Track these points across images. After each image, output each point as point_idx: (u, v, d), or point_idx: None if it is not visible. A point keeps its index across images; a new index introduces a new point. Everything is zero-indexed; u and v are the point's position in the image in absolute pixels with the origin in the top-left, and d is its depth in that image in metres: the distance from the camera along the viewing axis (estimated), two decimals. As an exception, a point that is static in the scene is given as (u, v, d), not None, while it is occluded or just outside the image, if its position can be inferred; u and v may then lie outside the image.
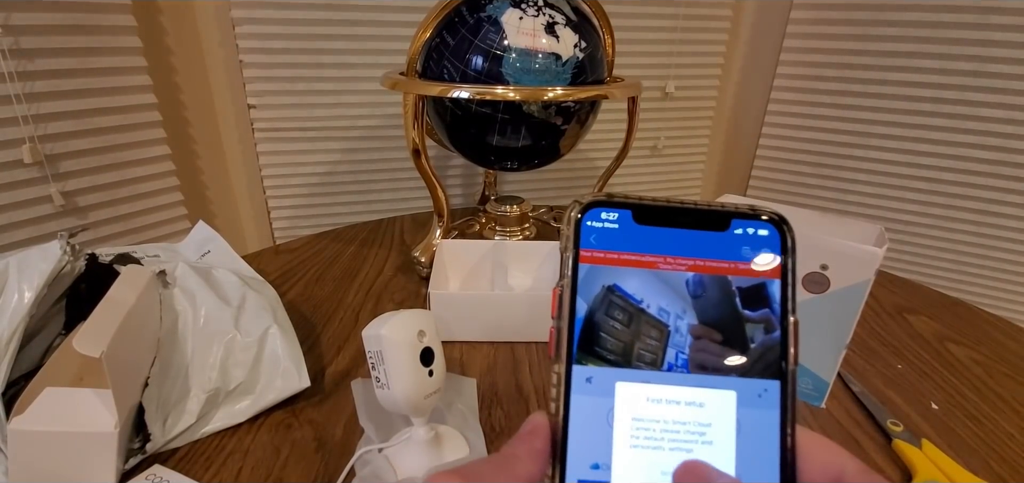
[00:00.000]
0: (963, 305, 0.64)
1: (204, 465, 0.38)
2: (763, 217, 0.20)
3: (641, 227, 0.20)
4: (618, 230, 0.20)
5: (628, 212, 0.20)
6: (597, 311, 0.20)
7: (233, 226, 0.94)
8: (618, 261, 0.20)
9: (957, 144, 0.90)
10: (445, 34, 0.59)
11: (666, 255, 0.20)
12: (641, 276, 0.20)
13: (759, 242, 0.20)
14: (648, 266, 0.20)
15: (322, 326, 0.56)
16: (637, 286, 0.20)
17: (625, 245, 0.20)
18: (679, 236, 0.20)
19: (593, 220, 0.21)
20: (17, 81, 0.63)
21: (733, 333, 0.20)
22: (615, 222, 0.20)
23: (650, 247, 0.20)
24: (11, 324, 0.36)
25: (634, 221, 0.20)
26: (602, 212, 0.21)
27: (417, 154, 0.60)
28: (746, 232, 0.20)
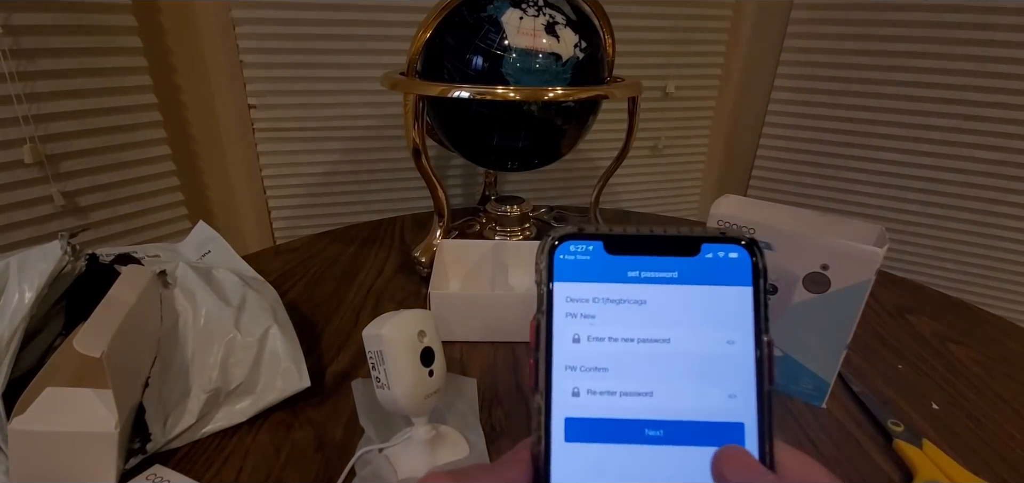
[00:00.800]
0: (964, 305, 0.64)
1: (205, 465, 0.38)
2: (733, 240, 0.20)
3: (613, 256, 0.21)
4: (590, 261, 0.21)
5: (599, 243, 0.21)
6: (575, 341, 0.20)
7: (233, 226, 0.94)
8: (592, 292, 0.20)
9: (958, 144, 0.90)
10: (445, 34, 0.59)
11: (639, 283, 0.21)
12: (616, 305, 0.21)
13: (730, 265, 0.21)
14: (622, 295, 0.20)
15: (322, 326, 0.56)
16: (612, 315, 0.20)
17: (598, 275, 0.21)
18: (651, 263, 0.21)
19: (566, 253, 0.21)
20: (18, 81, 0.63)
21: (709, 355, 0.20)
22: (587, 254, 0.21)
23: (623, 276, 0.21)
24: (12, 324, 0.36)
25: (606, 251, 0.21)
26: (573, 245, 0.21)
27: (417, 154, 0.60)
28: (717, 256, 0.21)
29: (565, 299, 0.20)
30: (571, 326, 0.20)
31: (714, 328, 0.20)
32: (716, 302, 0.20)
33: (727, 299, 0.20)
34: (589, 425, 0.20)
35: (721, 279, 0.20)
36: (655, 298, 0.20)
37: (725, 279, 0.20)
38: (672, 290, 0.20)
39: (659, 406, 0.20)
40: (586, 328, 0.20)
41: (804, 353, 0.45)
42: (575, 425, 0.20)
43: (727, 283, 0.20)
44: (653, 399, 0.20)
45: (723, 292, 0.20)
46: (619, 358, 0.20)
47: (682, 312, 0.20)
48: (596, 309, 0.20)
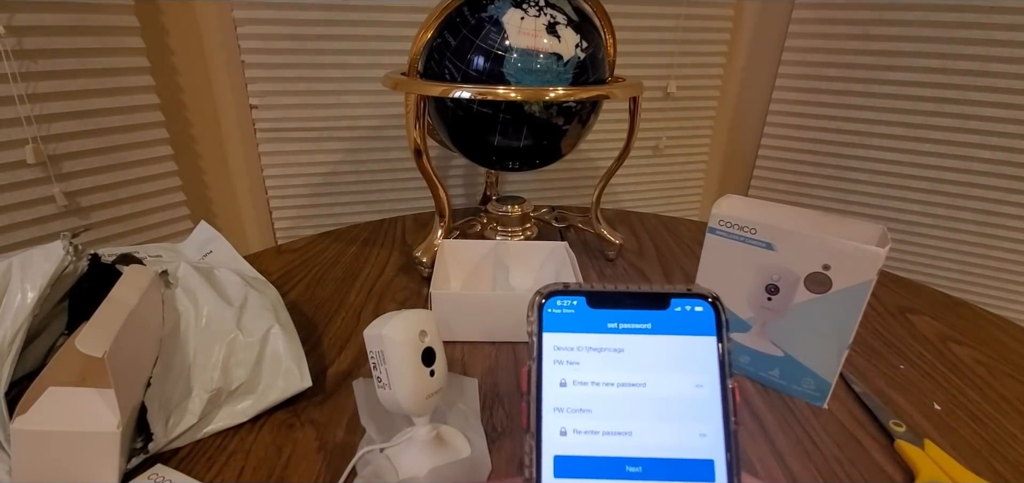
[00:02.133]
0: (966, 305, 0.64)
1: (206, 465, 0.38)
2: (699, 296, 0.24)
3: (595, 310, 0.24)
4: (575, 314, 0.24)
5: (583, 298, 0.24)
6: (562, 385, 0.23)
7: (235, 226, 0.94)
8: (577, 342, 0.23)
9: (959, 144, 0.90)
10: (446, 34, 0.59)
11: (618, 334, 0.23)
12: (598, 353, 0.23)
13: (697, 317, 0.23)
14: (603, 344, 0.23)
15: (324, 326, 0.56)
16: (594, 362, 0.23)
17: (582, 326, 0.24)
18: (628, 316, 0.24)
19: (553, 307, 0.24)
20: (20, 82, 0.63)
21: (681, 398, 0.23)
22: (572, 307, 0.24)
23: (603, 327, 0.23)
24: (14, 324, 0.37)
25: (588, 305, 0.24)
26: (559, 299, 0.24)
27: (418, 154, 0.60)
28: (685, 309, 0.24)
29: (553, 348, 0.23)
30: (558, 372, 0.23)
31: (684, 373, 0.23)
32: (686, 350, 0.23)
33: (695, 348, 0.23)
34: (576, 463, 0.22)
35: (689, 330, 0.23)
36: (632, 347, 0.23)
37: (693, 330, 0.23)
38: (647, 340, 0.23)
39: (637, 444, 0.22)
40: (572, 373, 0.23)
41: (805, 353, 0.45)
42: (563, 463, 0.22)
43: (695, 333, 0.23)
44: (632, 438, 0.22)
45: (692, 341, 0.23)
46: (601, 401, 0.23)
47: (656, 359, 0.23)
48: (580, 356, 0.23)
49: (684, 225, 0.88)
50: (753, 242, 0.44)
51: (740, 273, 0.46)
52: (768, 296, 0.45)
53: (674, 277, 0.69)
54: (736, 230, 0.45)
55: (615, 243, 0.72)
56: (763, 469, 0.39)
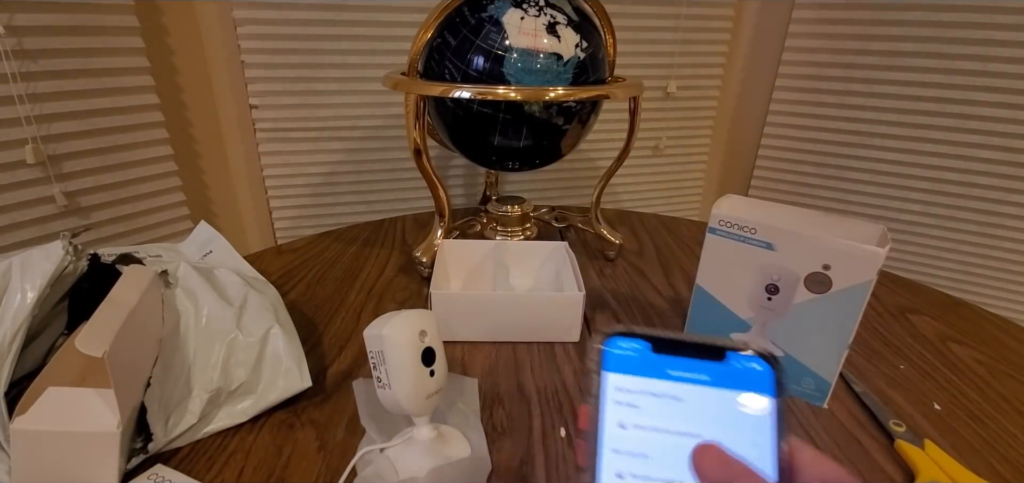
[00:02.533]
0: (966, 305, 0.64)
1: (206, 465, 0.38)
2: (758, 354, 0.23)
3: (657, 355, 0.24)
4: (637, 357, 0.24)
5: (647, 342, 0.24)
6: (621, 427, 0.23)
7: (235, 226, 0.94)
8: (638, 385, 0.23)
9: (960, 144, 0.89)
10: (446, 34, 0.59)
11: (678, 381, 0.23)
12: (657, 399, 0.23)
13: (754, 375, 0.23)
14: (663, 391, 0.23)
15: (324, 326, 0.56)
16: (653, 408, 0.23)
17: (644, 371, 0.24)
18: (688, 365, 0.23)
19: (617, 348, 0.24)
20: (20, 82, 0.63)
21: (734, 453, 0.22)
22: (635, 350, 0.24)
23: (664, 374, 0.23)
24: (14, 324, 0.37)
25: (652, 350, 0.24)
26: (623, 341, 0.24)
27: (418, 154, 0.60)
28: (743, 366, 0.23)
29: (615, 389, 0.23)
30: (619, 413, 0.23)
31: (739, 430, 0.22)
32: (742, 406, 0.23)
33: (752, 405, 0.23)
34: None
35: (746, 386, 0.23)
36: (691, 397, 0.23)
37: (750, 387, 0.23)
38: (705, 391, 0.23)
39: None
40: (632, 417, 0.23)
41: (806, 353, 0.45)
42: None
43: (752, 390, 0.23)
44: None
45: (748, 398, 0.23)
46: (658, 447, 0.22)
47: (713, 412, 0.23)
48: (641, 400, 0.23)
49: (684, 225, 0.88)
50: (753, 242, 0.44)
51: (740, 273, 0.45)
52: (768, 296, 0.45)
53: (674, 277, 0.69)
54: (736, 230, 0.45)
55: (615, 243, 0.72)
56: (763, 469, 0.39)
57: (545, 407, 0.45)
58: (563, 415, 0.44)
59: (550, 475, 0.38)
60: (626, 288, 0.66)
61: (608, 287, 0.66)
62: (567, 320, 0.53)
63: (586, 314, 0.59)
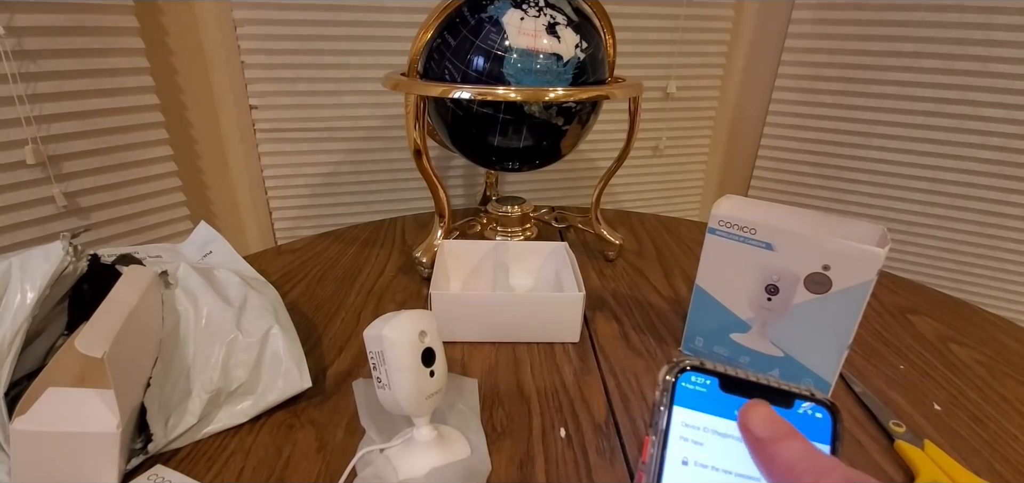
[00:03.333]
0: (965, 305, 0.64)
1: (206, 465, 0.38)
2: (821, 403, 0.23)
3: (725, 394, 0.23)
4: (706, 394, 0.23)
5: (716, 379, 0.23)
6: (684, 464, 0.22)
7: (235, 227, 0.94)
8: (704, 422, 0.23)
9: (959, 144, 0.90)
10: (446, 35, 0.59)
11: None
12: (722, 438, 0.23)
13: (815, 423, 0.23)
14: (728, 430, 0.23)
15: (324, 326, 0.56)
16: (718, 447, 0.23)
17: (711, 408, 0.23)
18: None
19: (687, 382, 0.23)
20: (20, 82, 0.63)
21: None
22: (705, 386, 0.23)
23: (730, 413, 0.23)
24: (14, 324, 0.37)
25: (720, 388, 0.23)
26: (694, 375, 0.23)
27: (418, 154, 0.60)
28: (806, 413, 0.23)
29: (681, 424, 0.23)
30: (683, 449, 0.22)
31: None
32: None
33: None
34: None
35: (809, 434, 0.22)
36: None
37: (812, 435, 0.22)
38: None
39: None
40: (695, 454, 0.22)
41: (805, 353, 0.45)
42: None
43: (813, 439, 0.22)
44: None
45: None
46: None
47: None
48: (705, 438, 0.23)
49: (684, 225, 0.88)
50: (753, 242, 0.44)
51: (740, 273, 0.46)
52: (768, 296, 0.45)
53: (674, 278, 0.69)
54: (736, 230, 0.45)
55: (615, 243, 0.72)
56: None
57: (545, 407, 0.45)
58: (563, 415, 0.44)
59: (550, 475, 0.38)
60: (626, 288, 0.66)
61: (608, 287, 0.66)
62: (567, 320, 0.53)
63: (586, 314, 0.59)
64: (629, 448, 0.41)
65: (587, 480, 0.38)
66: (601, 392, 0.47)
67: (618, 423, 0.43)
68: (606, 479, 0.38)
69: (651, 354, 0.52)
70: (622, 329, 0.57)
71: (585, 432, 0.42)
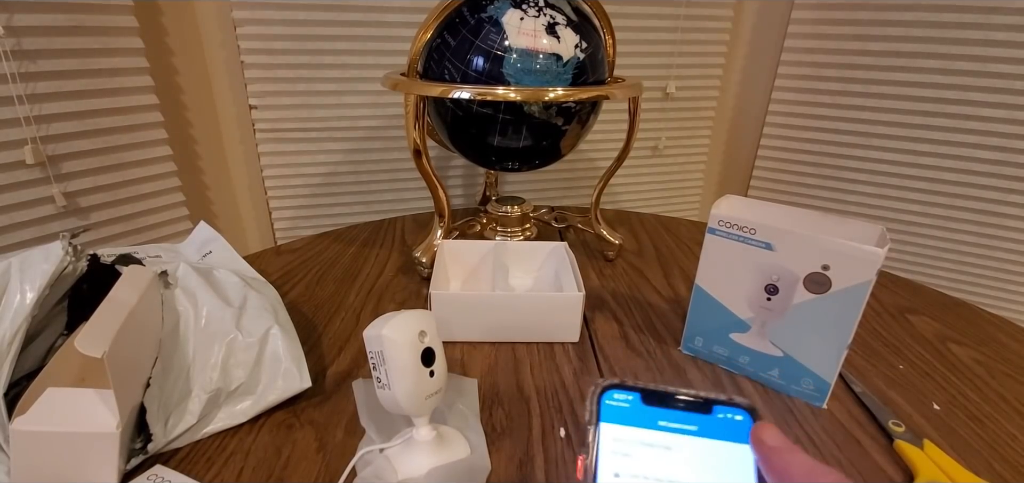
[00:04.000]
0: (965, 305, 0.64)
1: (206, 465, 0.38)
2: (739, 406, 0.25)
3: (648, 407, 0.25)
4: (630, 409, 0.25)
5: (638, 394, 0.26)
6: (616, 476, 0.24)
7: (234, 227, 0.94)
8: (631, 435, 0.25)
9: (959, 144, 0.90)
10: (446, 35, 0.59)
11: (667, 432, 0.25)
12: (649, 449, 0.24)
13: (737, 426, 0.25)
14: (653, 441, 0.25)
15: (323, 326, 0.56)
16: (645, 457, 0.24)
17: (636, 421, 0.25)
18: (676, 416, 0.25)
19: (611, 400, 0.26)
20: (19, 82, 0.63)
21: None
22: (628, 402, 0.25)
23: (655, 424, 0.25)
24: (13, 324, 0.37)
25: (643, 402, 0.25)
26: (617, 393, 0.26)
27: (418, 154, 0.60)
28: (727, 417, 0.25)
29: (611, 439, 0.25)
30: (614, 463, 0.24)
31: (724, 477, 0.24)
32: (726, 455, 0.24)
33: (735, 454, 0.24)
34: None
35: (730, 436, 0.25)
36: (678, 446, 0.24)
37: (733, 437, 0.25)
38: (693, 441, 0.25)
39: None
40: (626, 466, 0.24)
41: (805, 353, 0.45)
42: None
43: (735, 440, 0.24)
44: None
45: (732, 447, 0.24)
46: None
47: (700, 461, 0.24)
48: (633, 450, 0.24)
49: (683, 225, 0.88)
50: (752, 242, 0.44)
51: (740, 273, 0.46)
52: (768, 296, 0.45)
53: (674, 277, 0.69)
54: (736, 230, 0.45)
55: (614, 243, 0.72)
56: (762, 469, 0.39)
57: (545, 407, 0.45)
58: (563, 415, 0.44)
59: (550, 475, 0.38)
60: (625, 288, 0.66)
61: (608, 287, 0.66)
62: (567, 320, 0.53)
63: (586, 314, 0.59)
64: None
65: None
66: (601, 392, 0.47)
67: (618, 423, 0.43)
68: (606, 479, 0.38)
69: (651, 354, 0.52)
70: (622, 329, 0.57)
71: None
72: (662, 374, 0.49)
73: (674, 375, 0.49)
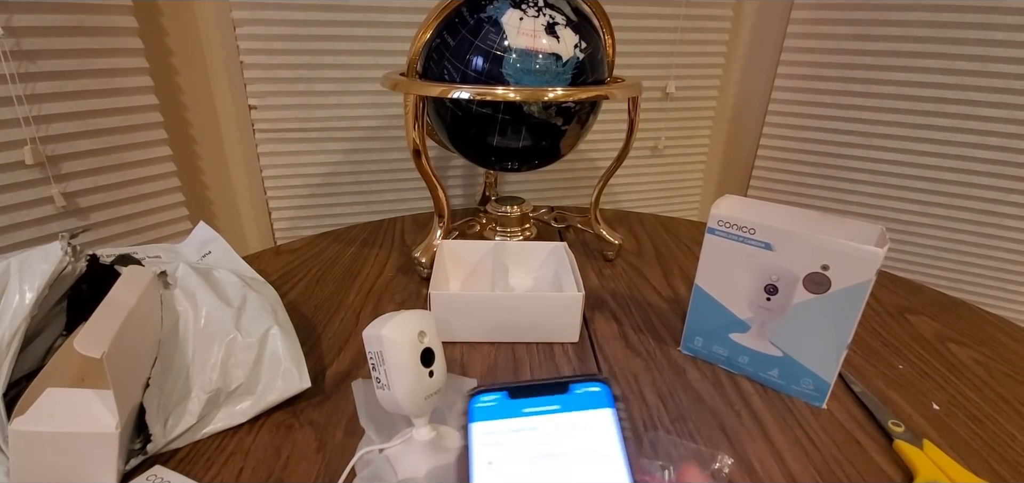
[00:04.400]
0: (964, 305, 0.64)
1: (205, 466, 0.38)
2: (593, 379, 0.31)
3: (513, 400, 0.30)
4: (497, 405, 0.30)
5: (504, 392, 0.31)
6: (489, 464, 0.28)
7: (234, 227, 0.94)
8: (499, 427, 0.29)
9: (958, 144, 0.90)
10: (445, 35, 0.59)
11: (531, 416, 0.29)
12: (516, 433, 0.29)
13: (595, 396, 0.30)
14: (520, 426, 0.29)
15: (323, 327, 0.56)
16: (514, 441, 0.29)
17: (503, 414, 0.30)
18: (540, 401, 0.30)
19: (479, 403, 0.30)
20: (19, 83, 0.63)
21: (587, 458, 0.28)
22: (495, 401, 0.30)
23: (519, 413, 0.30)
24: (12, 325, 0.37)
25: (509, 397, 0.30)
26: (483, 396, 0.31)
27: (418, 155, 0.60)
28: (585, 391, 0.30)
29: (482, 434, 0.29)
30: (486, 453, 0.28)
31: (588, 440, 0.29)
32: (586, 422, 0.29)
33: (594, 418, 0.29)
34: None
35: (589, 406, 0.30)
36: (543, 425, 0.29)
37: (592, 405, 0.30)
38: (555, 417, 0.29)
39: None
40: (497, 452, 0.28)
41: (804, 353, 0.45)
42: None
43: (593, 407, 0.30)
44: None
45: (591, 414, 0.29)
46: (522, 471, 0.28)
47: (564, 432, 0.29)
48: (503, 438, 0.29)
49: (683, 225, 0.88)
50: (752, 242, 0.44)
51: (739, 273, 0.46)
52: (767, 296, 0.45)
53: (673, 277, 0.69)
54: (735, 230, 0.45)
55: (614, 243, 0.72)
56: (762, 469, 0.39)
57: (544, 407, 0.45)
58: (562, 415, 0.44)
59: (549, 475, 0.38)
60: (625, 288, 0.66)
61: (607, 287, 0.66)
62: (566, 320, 0.53)
63: (585, 314, 0.59)
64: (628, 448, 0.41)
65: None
66: (600, 392, 0.47)
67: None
68: (605, 479, 0.38)
69: (650, 354, 0.52)
70: (621, 329, 0.57)
71: (584, 432, 0.42)
72: (662, 374, 0.49)
73: (674, 375, 0.49)
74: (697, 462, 0.38)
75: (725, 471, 0.38)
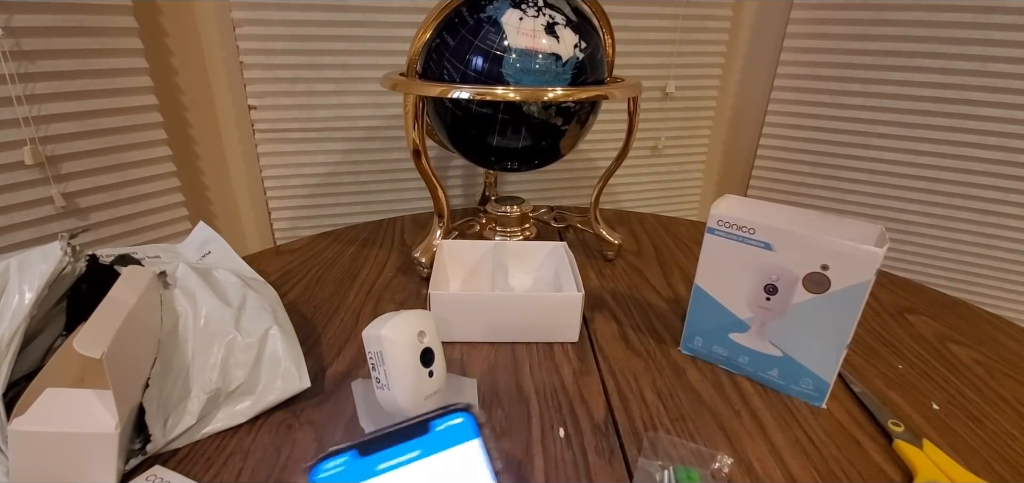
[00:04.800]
0: (964, 305, 0.64)
1: (205, 466, 0.38)
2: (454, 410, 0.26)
3: (366, 457, 0.25)
4: (346, 469, 0.25)
5: (354, 450, 0.25)
6: None
7: (234, 227, 0.94)
8: None
9: (958, 144, 0.90)
10: (445, 35, 0.59)
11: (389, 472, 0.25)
12: None
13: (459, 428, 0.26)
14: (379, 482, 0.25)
15: (322, 327, 0.56)
16: None
17: (355, 477, 0.24)
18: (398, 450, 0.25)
19: (322, 472, 0.24)
20: (18, 83, 0.63)
21: None
22: (343, 464, 0.25)
23: (374, 472, 0.25)
24: (12, 325, 0.36)
25: (359, 455, 0.25)
26: (328, 463, 0.25)
27: (417, 155, 0.60)
28: (447, 426, 0.26)
29: None
30: None
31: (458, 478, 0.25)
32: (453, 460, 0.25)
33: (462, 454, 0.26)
34: None
35: (454, 442, 0.26)
36: (404, 478, 0.25)
37: (457, 440, 0.26)
38: (417, 465, 0.25)
39: None
40: None
41: (804, 353, 0.45)
42: None
43: (459, 442, 0.26)
44: None
45: (457, 450, 0.26)
46: None
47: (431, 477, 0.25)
48: None
49: (683, 225, 0.88)
50: (752, 242, 0.44)
51: (739, 273, 0.46)
52: (767, 296, 0.45)
53: (673, 277, 0.69)
54: (735, 230, 0.45)
55: (614, 243, 0.72)
56: (762, 469, 0.39)
57: (544, 407, 0.45)
58: (562, 415, 0.44)
59: (549, 475, 0.38)
60: (625, 288, 0.66)
61: (607, 287, 0.66)
62: (566, 320, 0.53)
63: (585, 314, 0.59)
64: (628, 448, 0.41)
65: (586, 480, 0.38)
66: (600, 392, 0.47)
67: (617, 423, 0.43)
68: (605, 479, 0.38)
69: (650, 354, 0.52)
70: (621, 329, 0.57)
71: (584, 432, 0.42)
72: (661, 374, 0.49)
73: (674, 375, 0.49)
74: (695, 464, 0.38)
75: (725, 471, 0.38)
